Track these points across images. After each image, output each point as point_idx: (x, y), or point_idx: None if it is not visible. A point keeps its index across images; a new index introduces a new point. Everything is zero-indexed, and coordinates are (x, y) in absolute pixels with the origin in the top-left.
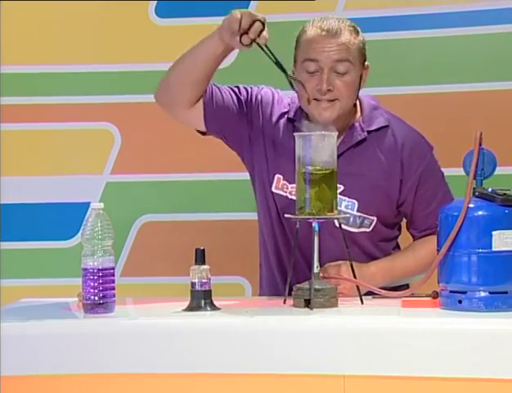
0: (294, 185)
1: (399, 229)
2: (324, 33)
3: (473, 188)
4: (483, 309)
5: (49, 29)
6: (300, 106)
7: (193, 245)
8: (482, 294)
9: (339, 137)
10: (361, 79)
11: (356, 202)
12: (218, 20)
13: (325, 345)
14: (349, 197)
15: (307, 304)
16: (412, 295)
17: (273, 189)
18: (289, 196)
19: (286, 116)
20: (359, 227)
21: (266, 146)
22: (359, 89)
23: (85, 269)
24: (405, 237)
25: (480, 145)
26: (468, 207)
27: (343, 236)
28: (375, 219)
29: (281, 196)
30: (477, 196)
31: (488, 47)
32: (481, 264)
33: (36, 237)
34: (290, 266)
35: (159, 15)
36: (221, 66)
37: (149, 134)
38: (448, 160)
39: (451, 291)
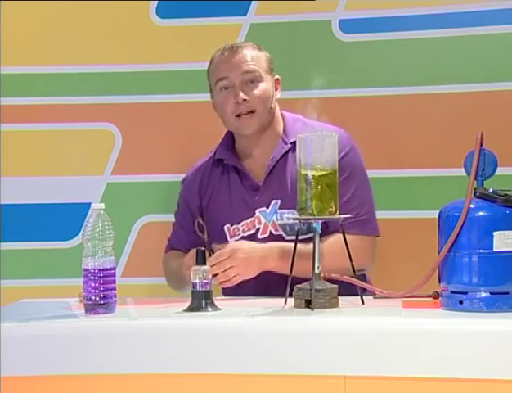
0: (242, 222)
1: None
2: (227, 52)
3: (474, 189)
4: (484, 309)
5: (49, 30)
6: (221, 144)
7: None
8: (483, 294)
9: (268, 155)
10: (275, 89)
11: (295, 211)
12: (218, 21)
13: (325, 346)
14: (288, 208)
15: (308, 304)
16: (413, 296)
17: (230, 240)
18: (245, 235)
19: (211, 164)
20: (307, 233)
21: (207, 211)
22: (274, 100)
23: (86, 270)
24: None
25: (481, 145)
26: (469, 208)
27: (343, 236)
28: None
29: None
30: (478, 197)
31: (489, 48)
32: (482, 265)
33: (36, 237)
34: (291, 267)
35: (159, 15)
36: None
37: (150, 135)
38: (449, 160)
39: (452, 292)
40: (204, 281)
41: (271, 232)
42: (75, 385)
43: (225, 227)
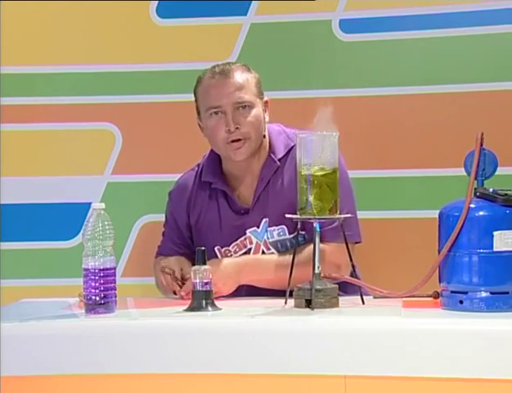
0: (233, 244)
1: None
2: (217, 76)
3: (475, 189)
4: (484, 309)
5: (49, 30)
6: (207, 164)
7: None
8: (484, 294)
9: (256, 176)
10: (264, 112)
11: (285, 227)
12: (219, 21)
13: (325, 346)
14: (277, 225)
15: (308, 304)
16: (413, 296)
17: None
18: (237, 255)
19: (197, 184)
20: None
21: (196, 231)
22: (265, 122)
23: (86, 269)
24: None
25: (481, 145)
26: (469, 207)
27: (343, 237)
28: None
29: None
30: (478, 197)
31: (489, 48)
32: (482, 265)
33: (37, 237)
34: (291, 267)
35: (160, 15)
36: None
37: (150, 135)
38: (449, 160)
39: (452, 292)
40: (205, 280)
41: (263, 251)
42: (75, 384)
43: (215, 248)
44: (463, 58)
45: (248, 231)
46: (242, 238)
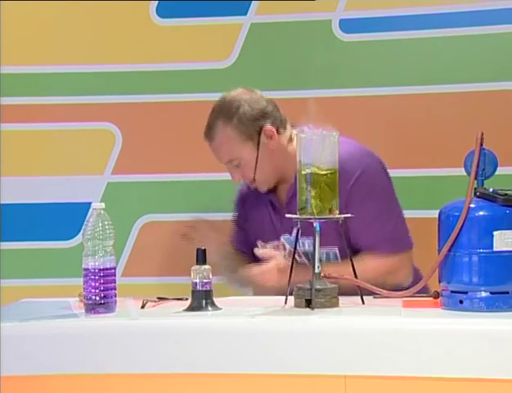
0: (270, 243)
1: None
2: (205, 138)
3: (475, 188)
4: (484, 309)
5: (49, 30)
6: None
7: (194, 245)
8: (484, 294)
9: (290, 183)
10: (267, 143)
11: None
12: (219, 21)
13: (325, 346)
14: (307, 236)
15: (308, 304)
16: (413, 296)
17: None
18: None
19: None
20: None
21: (246, 223)
22: (273, 149)
23: (86, 269)
24: None
25: (481, 145)
26: (469, 207)
27: (344, 236)
28: (337, 248)
29: None
30: (478, 197)
31: (489, 48)
32: (482, 265)
33: (37, 237)
34: (291, 266)
35: (160, 15)
36: (221, 66)
37: (150, 134)
38: (449, 160)
39: (452, 292)
40: (205, 280)
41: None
42: (75, 384)
43: (258, 242)
44: (463, 58)
45: (282, 237)
46: (277, 243)
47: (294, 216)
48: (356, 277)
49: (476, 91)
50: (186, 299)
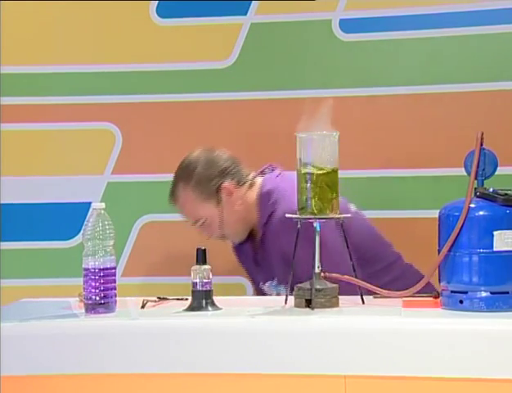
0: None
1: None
2: (169, 201)
3: (475, 188)
4: (484, 309)
5: (50, 29)
6: None
7: (194, 245)
8: (484, 294)
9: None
10: (227, 200)
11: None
12: (219, 20)
13: (325, 346)
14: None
15: (308, 304)
16: (413, 295)
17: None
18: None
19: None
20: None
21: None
22: (234, 203)
23: (86, 269)
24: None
25: (481, 145)
26: (469, 207)
27: (343, 235)
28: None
29: None
30: (478, 197)
31: (490, 47)
32: (482, 264)
33: (37, 237)
34: (291, 266)
35: (160, 15)
36: (221, 66)
37: (150, 134)
38: (449, 160)
39: (452, 291)
40: (205, 280)
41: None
42: (75, 384)
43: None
44: (463, 58)
45: (266, 284)
46: (272, 281)
47: (294, 216)
48: (356, 276)
49: (476, 91)
50: (186, 299)
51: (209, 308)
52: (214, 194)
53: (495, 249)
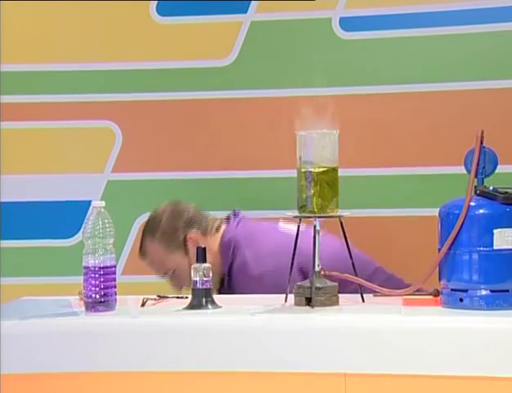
0: None
1: None
2: (139, 256)
3: (475, 187)
4: (484, 307)
5: (50, 28)
6: None
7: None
8: (484, 292)
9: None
10: (189, 250)
11: None
12: (219, 19)
13: (326, 344)
14: None
15: (308, 302)
16: (413, 294)
17: None
18: None
19: None
20: None
21: None
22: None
23: (86, 267)
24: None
25: (481, 143)
26: (469, 205)
27: (343, 234)
28: None
29: None
30: (478, 195)
31: (490, 46)
32: (482, 263)
33: (37, 235)
34: (291, 265)
35: (160, 13)
36: (222, 64)
37: (150, 132)
38: (449, 158)
39: (452, 290)
40: (205, 279)
41: None
42: (75, 382)
43: None
44: (463, 56)
45: None
46: None
47: (293, 214)
48: (356, 274)
49: (476, 89)
50: (186, 297)
51: (209, 306)
52: (181, 245)
53: (495, 247)
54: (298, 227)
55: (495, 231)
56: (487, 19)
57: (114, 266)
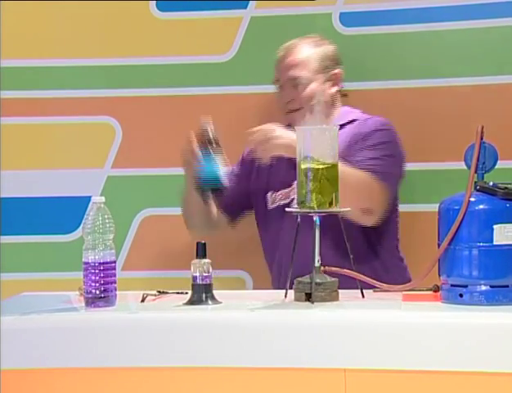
0: (280, 191)
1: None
2: (282, 52)
3: (475, 182)
4: (484, 302)
5: (50, 23)
6: None
7: (194, 239)
8: (483, 288)
9: None
10: (330, 85)
11: None
12: (219, 14)
13: (326, 339)
14: None
15: (308, 297)
16: (413, 289)
17: (269, 206)
18: (281, 203)
19: None
20: None
21: (258, 180)
22: (331, 94)
23: (86, 263)
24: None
25: (481, 139)
26: (469, 201)
27: (342, 230)
28: None
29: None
30: (478, 190)
31: (491, 41)
32: (482, 258)
33: (37, 230)
34: (291, 260)
35: (160, 8)
36: (221, 60)
37: (150, 128)
38: (449, 153)
39: (452, 285)
40: (205, 274)
41: None
42: (75, 378)
43: (268, 194)
44: (464, 51)
45: (294, 182)
46: (288, 189)
47: (293, 210)
48: (354, 269)
49: (477, 84)
50: (186, 293)
51: (209, 302)
52: (328, 73)
53: (495, 243)
54: (298, 224)
55: (495, 226)
56: (488, 14)
57: (114, 262)
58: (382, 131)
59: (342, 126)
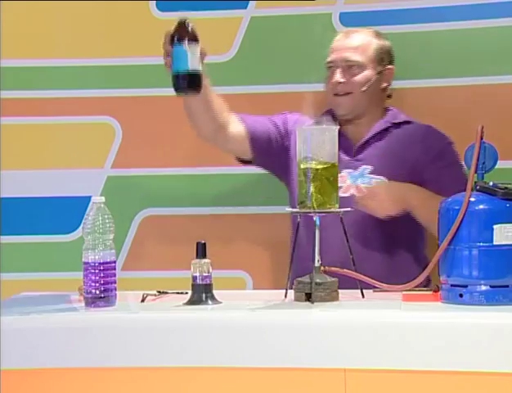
0: None
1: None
2: (340, 36)
3: (475, 182)
4: (484, 302)
5: (50, 23)
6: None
7: (194, 238)
8: (483, 288)
9: (366, 128)
10: (381, 79)
11: (384, 179)
12: (219, 14)
13: (325, 339)
14: (377, 175)
15: (308, 297)
16: (413, 289)
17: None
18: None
19: None
20: None
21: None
22: (380, 89)
23: (86, 263)
24: None
25: (481, 139)
26: (469, 201)
27: (343, 229)
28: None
29: None
30: (478, 190)
31: (491, 41)
32: (482, 258)
33: (37, 230)
34: (291, 261)
35: (160, 8)
36: (222, 60)
37: (150, 128)
38: None
39: (452, 285)
40: (205, 274)
41: (352, 194)
42: (75, 378)
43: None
44: (464, 51)
45: (344, 170)
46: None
47: (293, 210)
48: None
49: (477, 84)
50: (186, 293)
51: (209, 302)
52: (383, 66)
53: (495, 243)
54: (298, 223)
55: (495, 226)
56: (489, 14)
57: (114, 262)
58: (451, 144)
59: (395, 125)
